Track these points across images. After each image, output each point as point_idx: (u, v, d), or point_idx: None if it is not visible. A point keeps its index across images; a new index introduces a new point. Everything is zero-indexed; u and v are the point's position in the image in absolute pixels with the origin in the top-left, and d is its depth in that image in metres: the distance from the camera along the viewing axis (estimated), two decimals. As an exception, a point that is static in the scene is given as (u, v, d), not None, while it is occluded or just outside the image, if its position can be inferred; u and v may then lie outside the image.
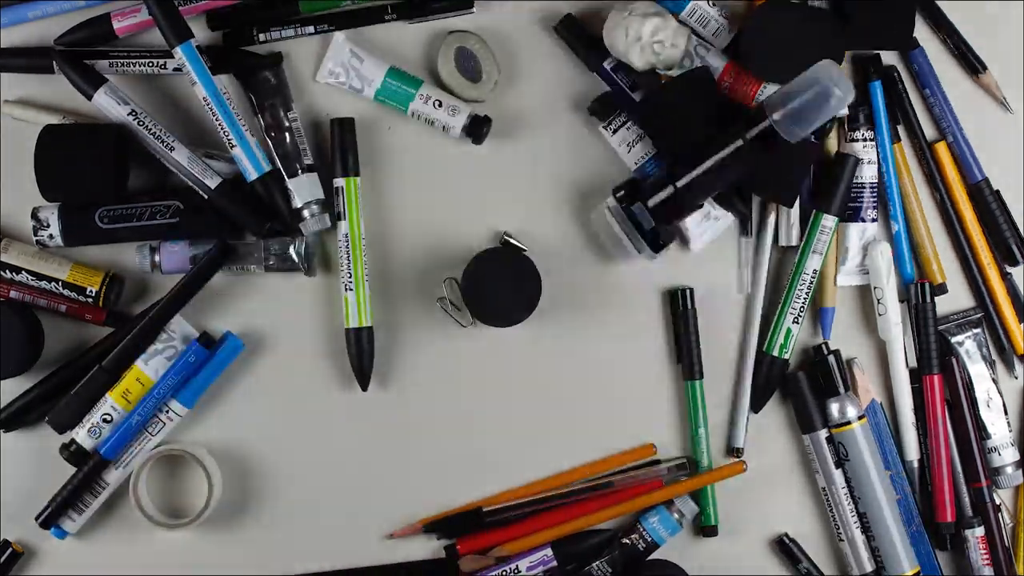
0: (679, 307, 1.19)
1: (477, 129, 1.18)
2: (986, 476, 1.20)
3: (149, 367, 1.17)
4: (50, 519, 1.17)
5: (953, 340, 1.21)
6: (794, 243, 1.20)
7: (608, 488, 1.18)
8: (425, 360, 1.20)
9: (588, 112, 1.19)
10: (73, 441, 1.17)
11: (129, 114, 1.16)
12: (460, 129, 1.18)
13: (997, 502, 1.21)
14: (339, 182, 1.17)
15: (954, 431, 1.20)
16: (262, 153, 1.16)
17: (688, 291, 1.19)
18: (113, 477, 1.17)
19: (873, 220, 1.20)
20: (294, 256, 1.17)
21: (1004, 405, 1.21)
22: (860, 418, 1.18)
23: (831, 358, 1.18)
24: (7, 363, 1.15)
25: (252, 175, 1.16)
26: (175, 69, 1.18)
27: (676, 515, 1.18)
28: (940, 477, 1.19)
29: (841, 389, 1.18)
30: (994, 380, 1.21)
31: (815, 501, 1.22)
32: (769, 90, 1.16)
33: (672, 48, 1.14)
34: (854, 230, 1.20)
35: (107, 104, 1.16)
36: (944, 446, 1.19)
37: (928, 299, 1.19)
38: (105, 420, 1.17)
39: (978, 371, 1.21)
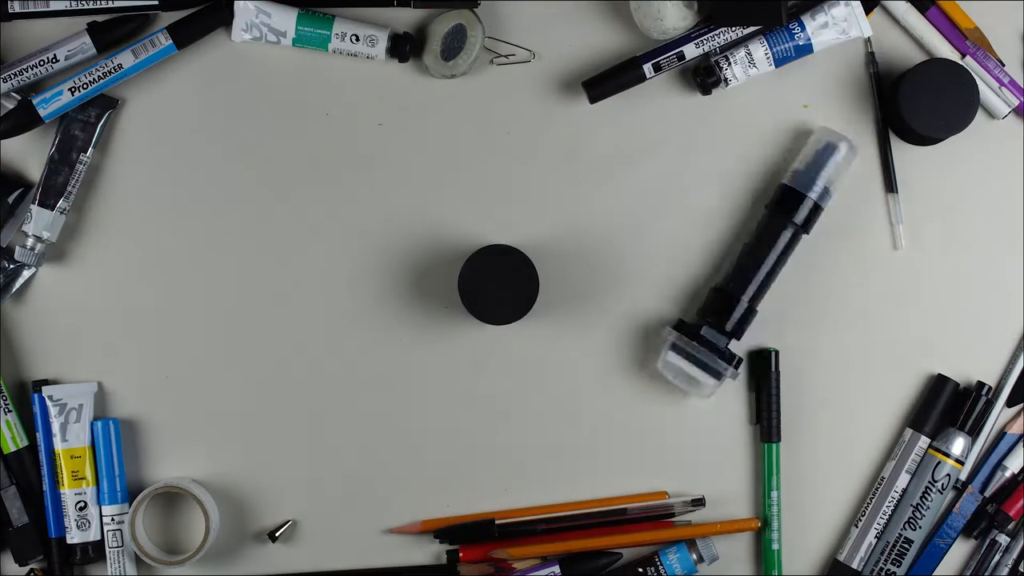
0: (768, 369, 1.19)
1: (400, 48, 1.17)
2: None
3: (70, 438, 1.17)
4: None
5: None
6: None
7: (621, 515, 1.18)
8: (421, 359, 1.20)
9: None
10: (76, 546, 1.17)
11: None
12: (384, 55, 1.17)
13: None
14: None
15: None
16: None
17: (775, 353, 1.19)
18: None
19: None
20: None
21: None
22: (959, 462, 1.18)
23: (982, 400, 1.18)
24: None
25: (48, 113, 1.16)
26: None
27: (695, 556, 1.18)
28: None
29: (968, 429, 1.18)
30: None
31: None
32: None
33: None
34: None
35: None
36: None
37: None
38: (81, 508, 1.17)
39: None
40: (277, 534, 1.18)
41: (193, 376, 1.19)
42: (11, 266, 1.17)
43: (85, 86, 1.15)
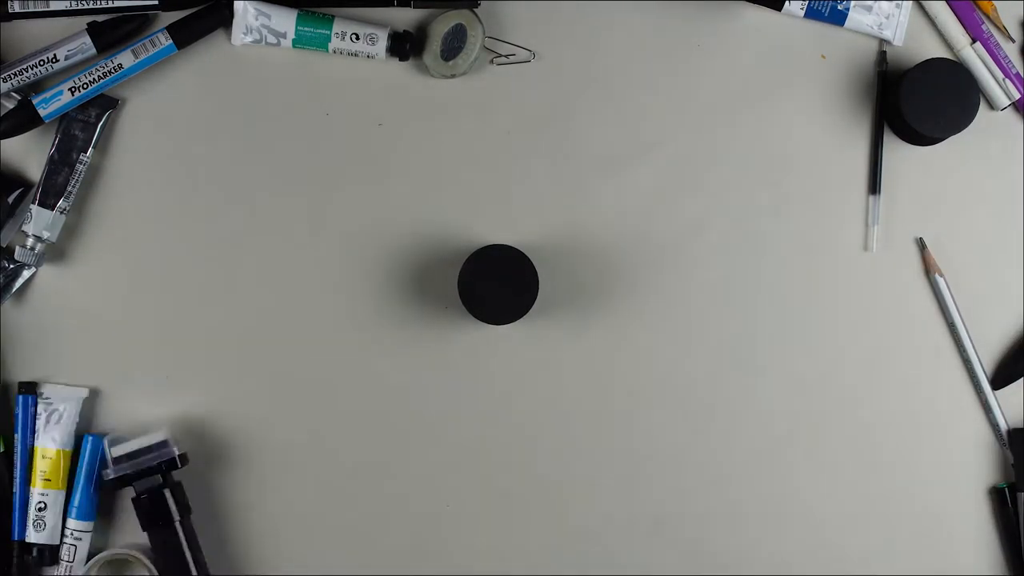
0: (1007, 505, 1.20)
1: (400, 47, 1.17)
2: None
3: (47, 436, 1.16)
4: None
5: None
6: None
7: None
8: (421, 359, 1.20)
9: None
10: (24, 542, 1.16)
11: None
12: (384, 54, 1.17)
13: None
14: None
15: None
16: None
17: (1010, 488, 1.20)
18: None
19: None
20: None
21: None
22: None
23: None
24: None
25: (48, 113, 1.15)
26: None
27: None
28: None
29: None
30: None
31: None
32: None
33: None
34: None
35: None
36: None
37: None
38: (40, 508, 1.16)
39: None
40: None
41: (193, 376, 1.19)
42: (11, 266, 1.17)
43: (85, 86, 1.15)
